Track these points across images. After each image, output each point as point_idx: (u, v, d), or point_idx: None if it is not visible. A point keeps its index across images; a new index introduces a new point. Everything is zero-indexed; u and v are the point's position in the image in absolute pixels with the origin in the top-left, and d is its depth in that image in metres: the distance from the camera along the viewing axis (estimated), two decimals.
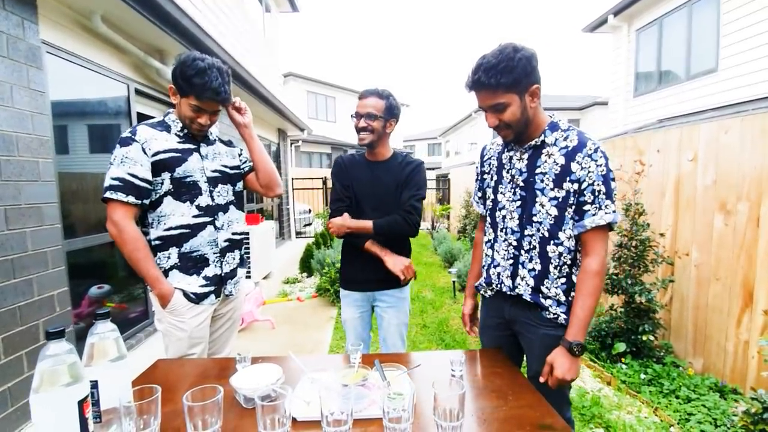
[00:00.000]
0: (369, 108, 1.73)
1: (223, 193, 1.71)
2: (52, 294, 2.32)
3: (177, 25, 3.24)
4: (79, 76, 2.76)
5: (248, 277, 5.02)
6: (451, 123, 22.80)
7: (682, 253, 3.01)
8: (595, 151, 1.22)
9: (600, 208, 1.22)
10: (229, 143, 1.85)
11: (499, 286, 1.39)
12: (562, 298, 1.28)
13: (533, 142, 1.29)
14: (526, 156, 1.32)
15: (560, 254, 1.28)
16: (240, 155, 1.88)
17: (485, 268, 1.46)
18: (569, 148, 1.25)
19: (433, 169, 20.19)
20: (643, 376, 2.72)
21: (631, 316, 3.00)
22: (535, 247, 1.30)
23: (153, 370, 1.32)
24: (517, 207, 1.33)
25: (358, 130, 1.78)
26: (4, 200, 2.05)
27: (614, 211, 1.23)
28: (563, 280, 1.29)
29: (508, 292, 1.36)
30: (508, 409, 1.05)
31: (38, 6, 2.31)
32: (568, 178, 1.23)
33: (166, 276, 1.57)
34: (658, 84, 7.64)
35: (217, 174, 1.68)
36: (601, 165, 1.22)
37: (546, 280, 1.29)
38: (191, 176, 1.59)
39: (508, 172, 1.36)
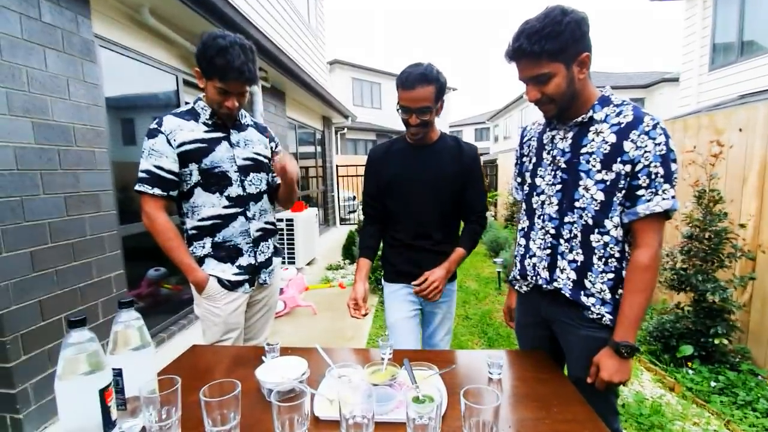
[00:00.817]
0: (421, 101, 1.47)
1: (256, 182, 1.69)
2: (110, 276, 2.48)
3: (222, 15, 3.29)
4: (130, 69, 2.88)
5: (291, 263, 5.14)
6: (500, 106, 21.88)
7: (767, 247, 2.63)
8: (654, 127, 1.05)
9: (656, 193, 1.05)
10: (263, 130, 1.81)
11: (534, 278, 1.25)
12: (608, 296, 1.13)
13: (579, 119, 1.13)
14: (570, 135, 1.16)
15: (605, 245, 1.12)
16: (272, 150, 1.82)
17: (518, 259, 1.34)
18: (622, 125, 1.08)
19: (481, 154, 19.55)
20: (713, 383, 2.43)
21: (701, 316, 2.68)
22: (576, 236, 1.15)
23: (188, 356, 1.33)
24: (557, 191, 1.18)
25: (409, 125, 1.54)
26: (64, 188, 2.19)
27: (673, 197, 1.06)
28: (610, 275, 1.13)
29: (545, 286, 1.22)
30: (551, 423, 0.94)
31: (90, 1, 2.41)
32: (619, 159, 1.07)
33: (201, 264, 1.59)
34: (739, 56, 6.75)
35: (248, 162, 1.66)
36: (660, 144, 1.04)
37: (589, 274, 1.14)
38: (220, 167, 1.57)
39: (548, 153, 1.21)
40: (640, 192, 1.06)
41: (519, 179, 1.38)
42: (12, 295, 1.88)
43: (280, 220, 5.13)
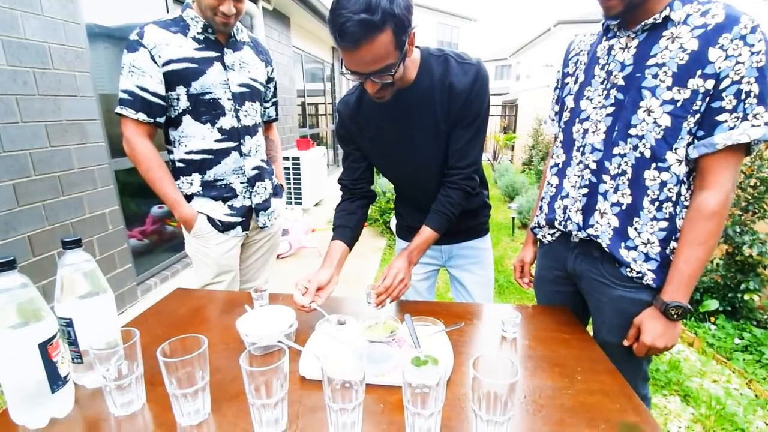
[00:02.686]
0: (374, 63, 0.92)
1: (251, 113, 1.48)
2: (104, 212, 2.37)
3: None
4: None
5: (298, 204, 5.03)
6: (524, 41, 20.26)
7: None
8: (752, 30, 0.79)
9: (744, 119, 0.82)
10: (261, 50, 1.55)
11: (564, 224, 1.05)
12: (655, 250, 0.93)
13: (651, 20, 0.86)
14: (635, 42, 0.90)
15: (662, 184, 0.90)
16: (267, 75, 1.58)
17: (547, 201, 1.13)
18: (709, 28, 0.81)
19: (500, 95, 18.47)
20: (737, 340, 2.30)
21: (733, 270, 2.49)
22: (625, 173, 0.93)
23: (169, 300, 1.22)
24: (608, 115, 0.94)
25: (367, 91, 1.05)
26: (44, 116, 2.01)
27: (767, 123, 0.82)
28: (662, 223, 0.92)
29: (577, 233, 1.02)
30: (574, 394, 0.80)
31: None
32: (699, 72, 0.82)
33: (189, 202, 1.43)
34: None
35: (244, 89, 1.43)
36: (759, 52, 0.79)
37: (636, 220, 0.93)
38: (211, 93, 1.35)
39: (602, 69, 0.96)
40: (722, 117, 0.82)
41: (557, 107, 1.13)
42: None
43: (286, 159, 4.93)
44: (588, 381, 0.84)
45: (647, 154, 0.89)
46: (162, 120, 1.33)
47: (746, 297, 2.40)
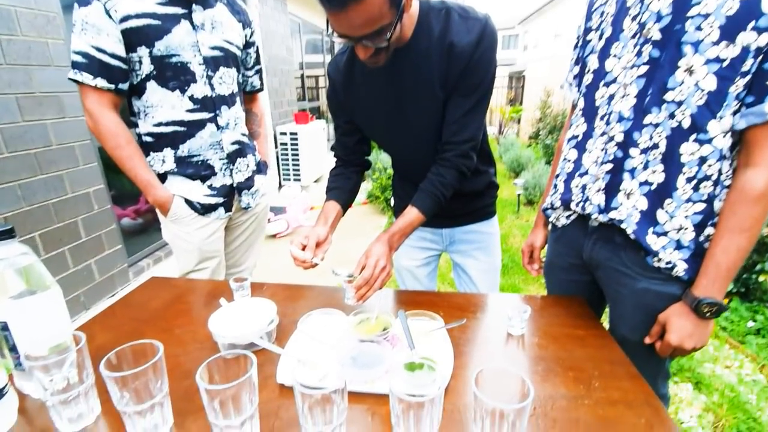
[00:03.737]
0: (365, 26, 0.78)
1: (227, 80, 1.32)
2: (88, 191, 2.25)
3: None
4: None
5: (297, 180, 4.89)
6: (533, 8, 19.43)
7: None
8: None
9: None
10: (237, 9, 1.38)
11: (582, 206, 0.92)
12: (688, 237, 0.80)
13: None
14: None
15: (702, 160, 0.76)
16: (246, 39, 1.41)
17: (562, 179, 0.99)
18: None
19: (507, 65, 17.88)
20: (750, 323, 2.20)
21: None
22: (658, 146, 0.79)
23: (142, 291, 1.12)
24: (640, 76, 0.79)
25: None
26: (14, 87, 1.86)
27: None
28: (699, 206, 0.79)
29: (596, 216, 0.89)
30: (592, 405, 0.69)
31: None
32: (751, 25, 0.67)
33: (163, 182, 1.30)
34: None
35: (217, 53, 1.28)
36: None
37: (668, 202, 0.80)
38: (178, 55, 1.20)
39: (634, 20, 0.80)
40: None
41: (577, 69, 0.98)
42: None
43: (283, 133, 4.76)
44: (607, 388, 0.73)
45: (686, 123, 0.75)
46: (125, 87, 1.19)
47: (761, 278, 2.29)
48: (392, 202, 1.40)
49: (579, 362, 0.80)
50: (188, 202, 1.32)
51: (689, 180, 0.77)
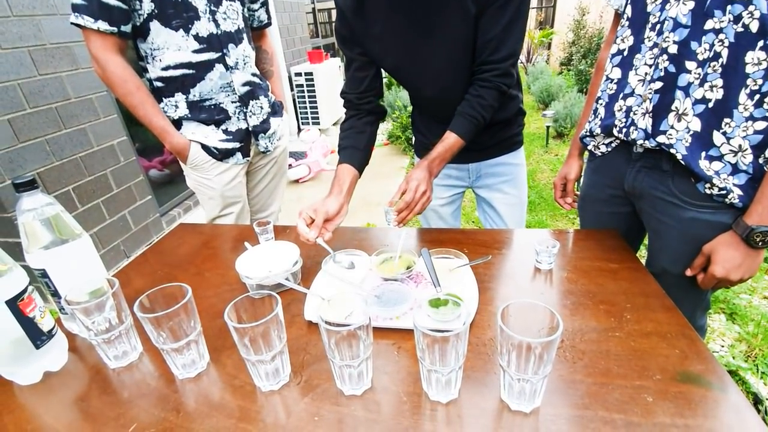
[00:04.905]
0: None
1: (231, 15, 1.24)
2: (112, 143, 2.28)
3: None
4: None
5: (315, 124, 4.80)
6: None
7: None
8: None
9: None
10: None
11: (625, 132, 0.84)
12: (747, 160, 0.72)
13: None
14: None
15: None
16: None
17: (603, 103, 0.90)
18: None
19: None
20: None
21: None
22: (719, 56, 0.68)
23: (171, 238, 1.15)
24: None
25: None
26: (25, 39, 1.83)
27: None
28: (761, 124, 0.69)
29: (642, 142, 0.81)
30: (623, 337, 0.67)
31: None
32: None
33: (178, 128, 1.29)
34: None
35: None
36: None
37: (726, 121, 0.71)
38: None
39: None
40: None
41: None
42: (2, 169, 1.73)
43: (298, 74, 4.59)
44: (640, 320, 0.71)
45: (754, 26, 0.64)
46: (128, 29, 1.13)
47: None
48: (413, 140, 1.34)
49: (611, 296, 0.77)
50: (205, 147, 1.31)
51: (752, 95, 0.68)
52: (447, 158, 0.97)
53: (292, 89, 4.70)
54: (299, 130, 4.83)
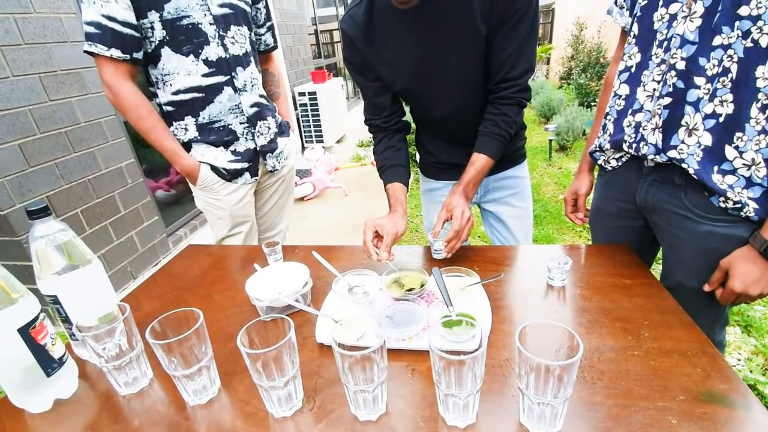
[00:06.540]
0: None
1: (239, 40, 1.27)
2: (120, 166, 2.31)
3: None
4: None
5: (319, 142, 4.85)
6: None
7: None
8: None
9: None
10: None
11: (635, 147, 0.84)
12: (761, 173, 0.71)
13: None
14: None
15: None
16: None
17: (612, 118, 0.90)
18: None
19: None
20: None
21: None
22: (728, 71, 0.69)
23: (180, 260, 1.15)
24: None
25: None
26: (36, 66, 1.87)
27: None
28: None
29: (653, 157, 0.81)
30: (642, 355, 0.66)
31: None
32: None
33: (188, 150, 1.30)
34: None
35: (227, 10, 1.22)
36: None
37: (738, 135, 0.71)
38: (188, 16, 1.15)
39: None
40: None
41: None
42: (12, 193, 1.75)
43: (302, 94, 4.66)
44: (658, 338, 0.69)
45: (763, 41, 0.64)
46: (140, 56, 1.16)
47: None
48: (417, 157, 1.35)
49: (627, 312, 0.76)
50: (214, 168, 1.32)
51: (764, 108, 0.68)
52: (480, 180, 1.00)
53: (296, 108, 4.77)
54: (303, 148, 4.88)
